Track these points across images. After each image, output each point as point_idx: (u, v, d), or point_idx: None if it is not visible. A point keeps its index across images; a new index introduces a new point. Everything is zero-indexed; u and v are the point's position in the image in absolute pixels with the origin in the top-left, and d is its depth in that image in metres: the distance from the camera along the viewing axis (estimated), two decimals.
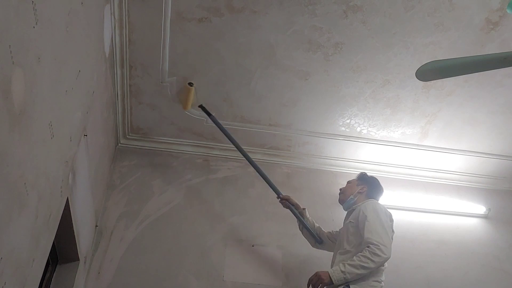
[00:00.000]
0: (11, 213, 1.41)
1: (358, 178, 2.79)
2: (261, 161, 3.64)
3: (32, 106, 1.45)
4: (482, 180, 3.94)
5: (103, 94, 2.67)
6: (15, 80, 1.28)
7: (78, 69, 1.96)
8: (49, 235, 1.93)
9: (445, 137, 3.60)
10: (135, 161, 3.44)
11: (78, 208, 2.34)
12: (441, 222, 3.63)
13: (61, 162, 1.91)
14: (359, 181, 2.76)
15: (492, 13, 2.71)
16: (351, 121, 3.45)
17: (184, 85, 3.10)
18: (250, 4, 2.63)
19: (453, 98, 3.28)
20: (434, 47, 2.89)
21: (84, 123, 2.26)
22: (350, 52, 2.91)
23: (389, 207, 3.54)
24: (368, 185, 2.71)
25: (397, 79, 3.12)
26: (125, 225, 3.08)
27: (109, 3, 2.44)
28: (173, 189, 3.35)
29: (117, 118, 3.29)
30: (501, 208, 3.84)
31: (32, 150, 1.52)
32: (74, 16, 1.78)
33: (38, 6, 1.37)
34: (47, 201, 1.77)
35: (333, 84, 3.14)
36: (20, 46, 1.29)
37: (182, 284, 2.88)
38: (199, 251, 3.05)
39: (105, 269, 2.85)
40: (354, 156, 3.73)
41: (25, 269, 1.64)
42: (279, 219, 3.31)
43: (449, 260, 3.39)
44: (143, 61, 2.94)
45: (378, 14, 2.69)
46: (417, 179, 3.84)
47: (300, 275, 3.04)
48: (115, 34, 2.69)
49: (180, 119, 3.37)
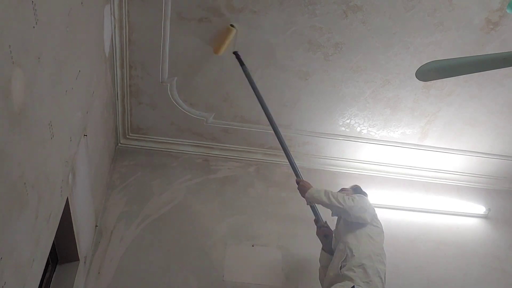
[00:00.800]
0: (11, 213, 1.41)
1: (352, 189, 2.81)
2: (261, 161, 3.65)
3: (32, 106, 1.45)
4: (482, 180, 3.94)
5: (103, 94, 2.67)
6: (15, 80, 1.28)
7: (78, 69, 1.96)
8: (49, 235, 1.93)
9: (445, 137, 3.60)
10: (135, 161, 3.44)
11: (78, 208, 2.34)
12: (441, 222, 3.63)
13: (61, 162, 1.91)
14: (352, 190, 2.80)
15: (492, 13, 2.71)
16: (351, 121, 3.45)
17: (226, 27, 2.74)
18: (250, 4, 2.63)
19: (453, 98, 3.28)
20: (434, 47, 2.89)
21: (84, 123, 2.26)
22: (350, 52, 2.91)
23: (389, 207, 3.58)
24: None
25: (397, 79, 3.12)
26: (125, 225, 3.08)
27: (109, 3, 2.44)
28: (173, 189, 3.35)
29: (117, 118, 3.29)
30: (501, 208, 3.84)
31: (32, 150, 1.52)
32: (74, 16, 1.78)
33: (38, 6, 1.37)
34: (47, 201, 1.77)
35: (333, 84, 3.14)
36: (20, 46, 1.29)
37: (182, 284, 2.88)
38: (199, 251, 3.05)
39: (105, 269, 2.85)
40: (354, 156, 3.72)
41: (25, 269, 1.64)
42: (279, 219, 3.32)
43: (449, 260, 3.39)
44: (143, 61, 2.94)
45: (378, 14, 2.69)
46: (417, 179, 3.83)
47: (300, 275, 3.04)
48: (115, 34, 2.69)
49: (180, 119, 3.37)
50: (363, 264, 2.26)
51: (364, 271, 2.24)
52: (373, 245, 2.37)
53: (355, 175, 3.68)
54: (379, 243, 2.43)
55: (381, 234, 2.49)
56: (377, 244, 2.40)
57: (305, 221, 3.20)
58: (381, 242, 2.46)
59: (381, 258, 2.36)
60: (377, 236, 2.45)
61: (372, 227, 2.46)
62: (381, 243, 2.45)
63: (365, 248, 2.34)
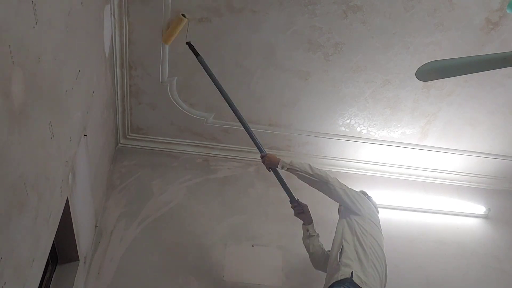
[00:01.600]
0: (11, 213, 1.41)
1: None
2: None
3: (32, 106, 1.45)
4: (482, 180, 3.94)
5: (103, 94, 2.67)
6: (15, 80, 1.28)
7: (78, 69, 1.96)
8: (49, 235, 1.93)
9: (445, 137, 3.60)
10: (135, 161, 3.44)
11: (78, 208, 2.34)
12: (441, 222, 3.63)
13: (61, 162, 1.91)
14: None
15: (492, 13, 2.71)
16: (351, 121, 3.45)
17: (177, 16, 2.65)
18: (250, 4, 2.63)
19: (453, 98, 3.28)
20: (434, 47, 2.89)
21: (84, 123, 2.26)
22: (350, 52, 2.91)
23: (389, 207, 3.58)
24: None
25: (397, 79, 3.12)
26: (125, 225, 3.07)
27: (109, 3, 2.44)
28: (173, 189, 3.35)
29: (117, 118, 3.29)
30: (501, 208, 3.84)
31: (32, 150, 1.52)
32: (74, 16, 1.78)
33: (38, 6, 1.37)
34: (47, 201, 1.77)
35: (333, 84, 3.14)
36: (20, 46, 1.29)
37: (182, 284, 2.88)
38: (199, 251, 3.05)
39: (105, 269, 2.85)
40: (354, 156, 3.72)
41: (25, 269, 1.64)
42: (279, 219, 3.31)
43: (449, 260, 3.39)
44: (143, 61, 2.94)
45: (378, 14, 2.69)
46: (417, 179, 3.83)
47: (300, 275, 3.04)
48: (115, 34, 2.69)
49: (180, 119, 3.37)
50: (358, 255, 2.28)
51: (359, 262, 2.25)
52: (368, 239, 2.36)
53: (355, 175, 3.68)
54: (376, 240, 2.40)
55: (378, 234, 2.47)
56: (374, 241, 2.38)
57: None
58: (379, 240, 2.43)
59: (377, 254, 2.34)
60: (373, 232, 2.43)
61: (371, 223, 2.46)
62: (379, 240, 2.43)
63: (360, 241, 2.34)
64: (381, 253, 2.39)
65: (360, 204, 2.50)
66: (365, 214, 2.47)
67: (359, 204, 2.49)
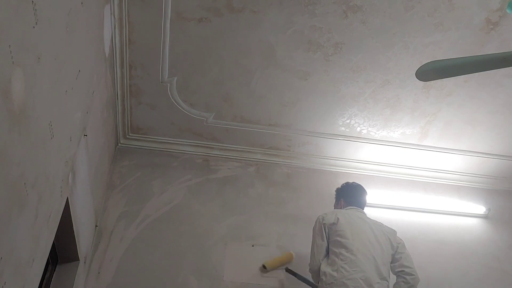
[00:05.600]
0: (11, 213, 1.41)
1: (335, 197, 2.96)
2: (261, 161, 3.65)
3: (32, 106, 1.45)
4: (482, 180, 3.94)
5: (103, 94, 2.67)
6: (15, 80, 1.28)
7: (78, 69, 1.96)
8: (49, 235, 1.93)
9: (445, 137, 3.60)
10: (135, 161, 3.44)
11: (78, 208, 2.34)
12: (441, 222, 3.63)
13: (61, 162, 1.91)
14: (336, 199, 2.95)
15: (492, 13, 2.71)
16: (351, 121, 3.45)
17: (289, 252, 3.11)
18: (250, 4, 2.63)
19: (453, 98, 3.28)
20: (434, 47, 2.89)
21: (84, 123, 2.26)
22: (350, 52, 2.91)
23: (389, 207, 3.59)
24: (343, 197, 2.87)
25: (397, 79, 3.12)
26: (125, 225, 3.07)
27: (109, 3, 2.44)
28: (173, 189, 3.35)
29: (117, 118, 3.29)
30: (501, 208, 3.84)
31: (32, 150, 1.52)
32: (74, 16, 1.78)
33: (38, 6, 1.37)
34: (47, 201, 1.77)
35: (333, 84, 3.14)
36: (20, 46, 1.29)
37: (182, 284, 2.88)
38: (199, 251, 3.05)
39: (105, 269, 2.85)
40: (354, 156, 3.73)
41: (25, 269, 1.64)
42: (279, 219, 3.32)
43: (449, 260, 3.39)
44: (143, 61, 2.94)
45: (378, 14, 2.69)
46: (417, 179, 3.83)
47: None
48: (115, 34, 2.69)
49: (180, 119, 3.37)
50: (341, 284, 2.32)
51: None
52: (343, 261, 2.38)
53: (355, 175, 3.67)
54: (352, 253, 2.39)
55: (348, 243, 2.44)
56: (347, 258, 2.38)
57: (304, 221, 3.21)
58: (355, 250, 2.41)
59: (355, 268, 2.34)
60: (346, 247, 2.43)
61: (340, 240, 2.47)
62: (355, 250, 2.41)
63: (337, 272, 2.36)
64: (363, 248, 2.44)
65: (315, 256, 2.55)
66: (331, 238, 2.53)
67: (315, 256, 2.55)
